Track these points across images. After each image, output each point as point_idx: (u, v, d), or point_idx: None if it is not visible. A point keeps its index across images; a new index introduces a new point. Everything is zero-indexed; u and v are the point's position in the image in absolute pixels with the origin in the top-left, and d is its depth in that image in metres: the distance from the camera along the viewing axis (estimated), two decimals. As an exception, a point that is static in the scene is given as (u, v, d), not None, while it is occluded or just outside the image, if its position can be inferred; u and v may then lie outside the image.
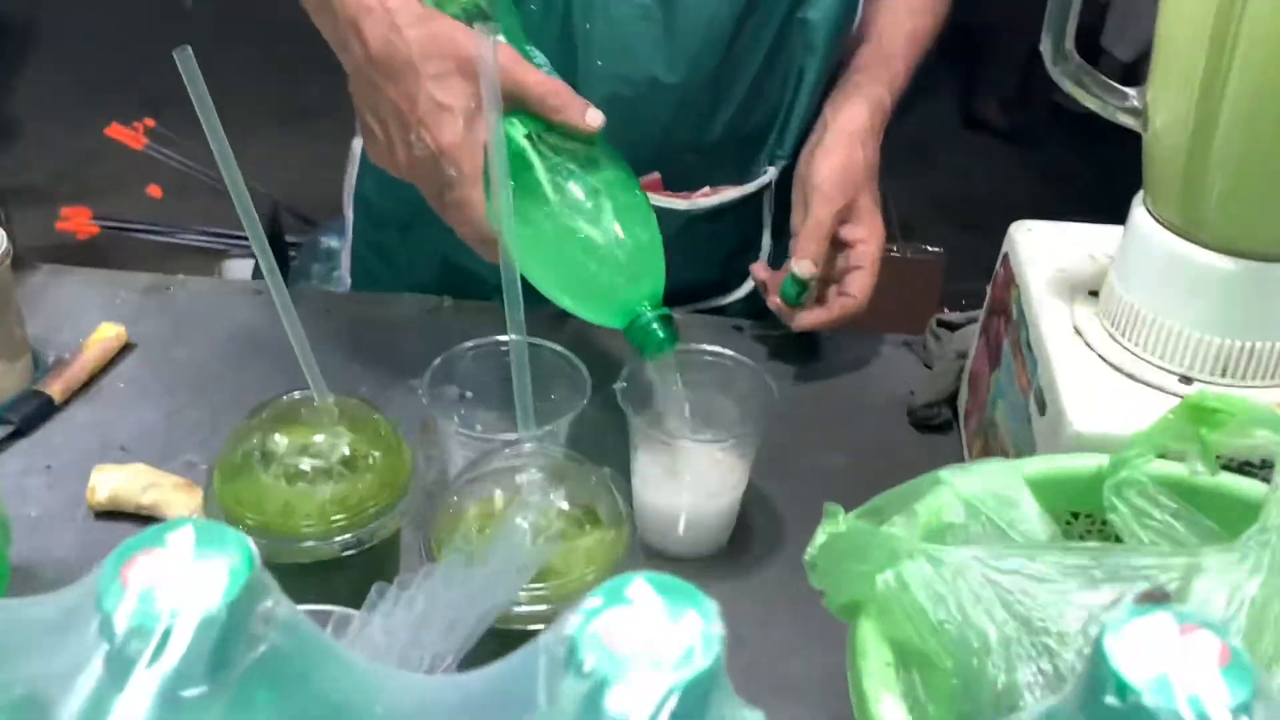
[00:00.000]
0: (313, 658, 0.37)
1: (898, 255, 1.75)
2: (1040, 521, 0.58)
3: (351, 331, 1.01)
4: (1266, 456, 0.61)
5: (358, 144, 1.12)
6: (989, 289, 0.91)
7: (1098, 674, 0.40)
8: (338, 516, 0.63)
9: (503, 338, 0.75)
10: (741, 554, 0.83)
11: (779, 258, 1.04)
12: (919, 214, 2.82)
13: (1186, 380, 0.72)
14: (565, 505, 0.61)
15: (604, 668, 0.35)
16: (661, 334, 0.75)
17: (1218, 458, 0.59)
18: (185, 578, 0.35)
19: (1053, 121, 3.16)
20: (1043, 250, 0.83)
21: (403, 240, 1.10)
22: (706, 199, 1.03)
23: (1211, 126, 0.67)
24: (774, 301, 0.96)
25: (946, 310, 1.03)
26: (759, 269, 1.01)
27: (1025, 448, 0.75)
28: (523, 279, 0.64)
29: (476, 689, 0.38)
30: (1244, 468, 0.62)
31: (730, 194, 1.04)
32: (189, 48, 0.56)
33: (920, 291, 1.65)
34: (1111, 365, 0.73)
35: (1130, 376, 0.73)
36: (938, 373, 0.97)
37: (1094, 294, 0.79)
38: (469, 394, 0.81)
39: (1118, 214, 0.78)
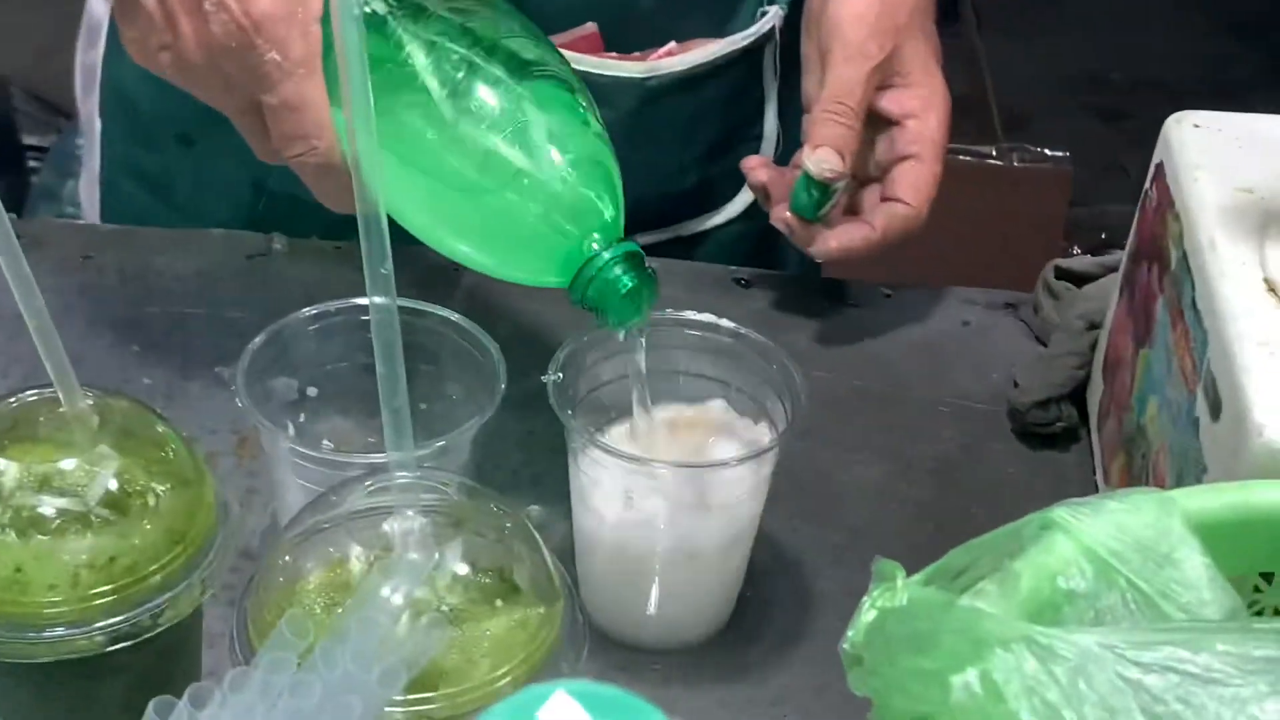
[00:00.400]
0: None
1: (998, 162, 1.75)
2: (1212, 588, 0.58)
3: (126, 290, 1.01)
4: None
5: (99, 6, 1.10)
6: (1134, 219, 0.91)
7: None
8: (99, 589, 0.62)
9: (363, 300, 0.73)
10: (746, 641, 0.83)
11: (790, 149, 1.03)
12: (1033, 95, 2.82)
13: None
14: (464, 568, 0.61)
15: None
16: (630, 280, 0.74)
17: None
18: None
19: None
20: (1218, 157, 0.84)
21: (186, 160, 1.08)
22: (672, 59, 1.03)
23: None
24: (781, 215, 0.96)
25: (1076, 251, 1.04)
26: (756, 166, 1.00)
27: (1191, 470, 0.75)
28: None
29: None
30: None
31: (709, 50, 1.03)
32: None
33: (1034, 220, 1.65)
34: (1325, 339, 0.74)
35: (1354, 357, 0.73)
36: (1057, 352, 0.97)
37: (1298, 227, 0.79)
38: (311, 390, 0.81)
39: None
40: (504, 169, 0.73)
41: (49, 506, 0.63)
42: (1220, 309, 0.75)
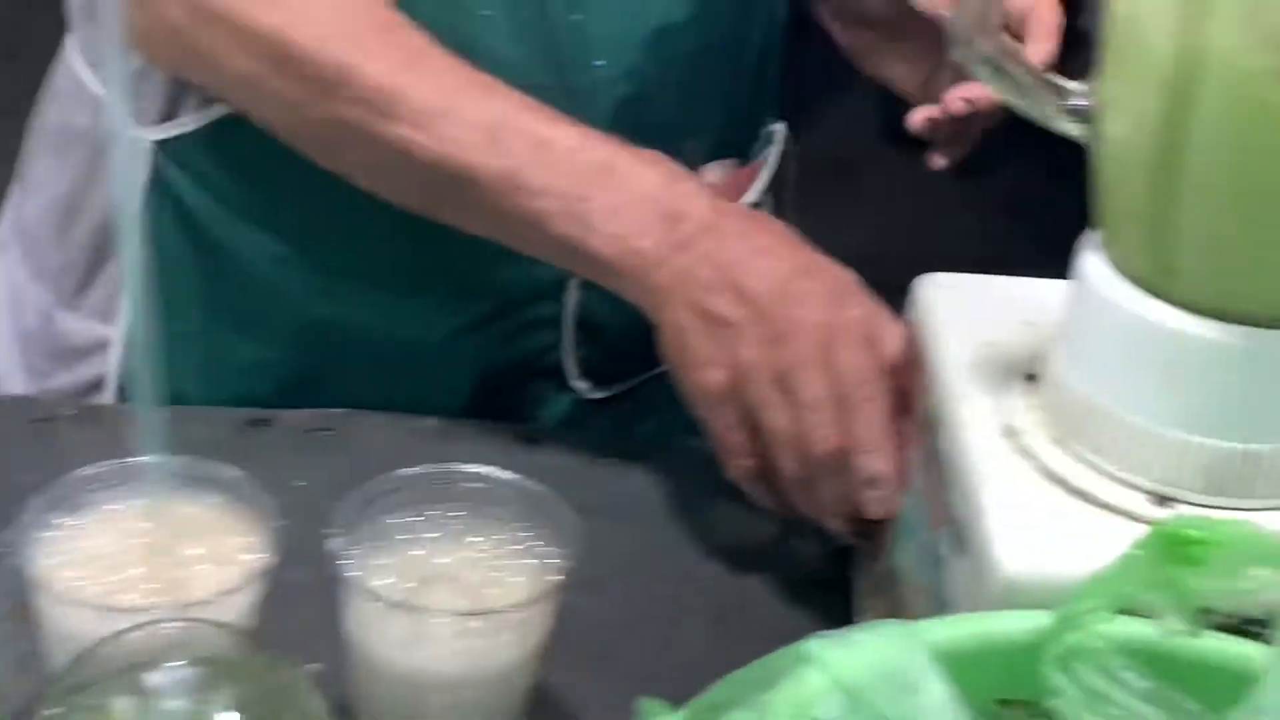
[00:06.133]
0: None
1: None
2: (954, 715, 0.59)
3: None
4: (1270, 607, 0.63)
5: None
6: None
7: None
8: None
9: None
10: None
11: None
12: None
13: (1163, 500, 0.76)
14: (230, 720, 0.60)
15: None
16: None
17: (1204, 612, 0.62)
18: None
19: (1011, 138, 3.28)
20: (962, 315, 0.87)
21: None
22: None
23: (1184, 133, 0.72)
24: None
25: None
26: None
27: (939, 606, 0.78)
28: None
29: None
30: (1244, 626, 0.65)
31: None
32: None
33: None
34: (1058, 480, 0.77)
35: (1084, 496, 0.76)
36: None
37: (1033, 378, 0.82)
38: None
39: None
40: None
41: None
42: (963, 453, 0.79)
